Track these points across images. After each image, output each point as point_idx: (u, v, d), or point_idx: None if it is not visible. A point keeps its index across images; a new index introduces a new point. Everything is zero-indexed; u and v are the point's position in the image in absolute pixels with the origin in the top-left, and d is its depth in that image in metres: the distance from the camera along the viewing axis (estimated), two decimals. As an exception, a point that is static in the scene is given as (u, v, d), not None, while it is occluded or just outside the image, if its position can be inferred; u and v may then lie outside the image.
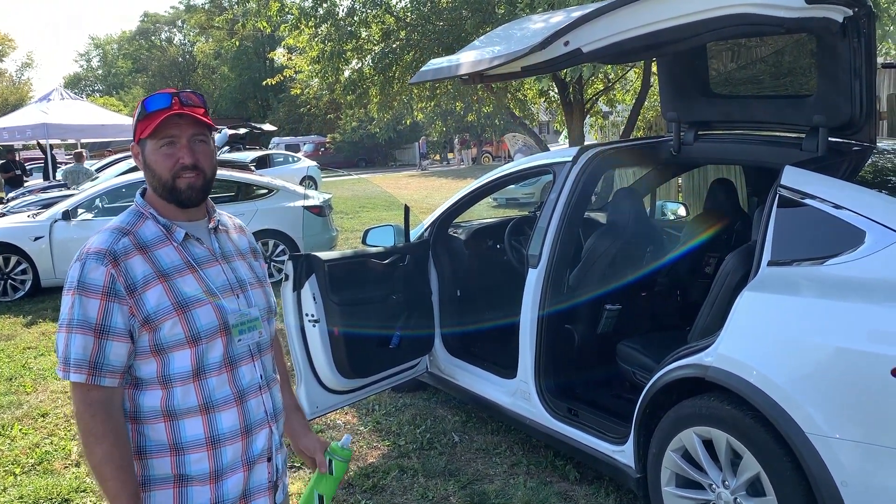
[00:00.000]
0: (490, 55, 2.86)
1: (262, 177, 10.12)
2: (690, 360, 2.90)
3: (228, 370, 1.73)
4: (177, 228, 1.73)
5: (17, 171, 15.07)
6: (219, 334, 1.70)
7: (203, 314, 1.68)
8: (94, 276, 1.61)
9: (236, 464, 1.73)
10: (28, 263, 8.57)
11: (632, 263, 4.05)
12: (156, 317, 1.64)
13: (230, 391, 1.72)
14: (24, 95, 45.10)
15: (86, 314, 1.60)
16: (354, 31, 9.45)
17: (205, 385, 1.69)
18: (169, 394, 1.67)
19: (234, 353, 1.74)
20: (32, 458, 4.31)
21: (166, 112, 1.68)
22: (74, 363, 1.60)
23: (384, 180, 26.87)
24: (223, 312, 1.72)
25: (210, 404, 1.69)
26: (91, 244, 1.66)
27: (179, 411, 1.67)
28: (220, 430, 1.70)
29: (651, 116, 10.94)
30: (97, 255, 1.63)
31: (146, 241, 1.69)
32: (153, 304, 1.64)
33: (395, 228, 4.56)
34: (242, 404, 1.74)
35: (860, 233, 2.58)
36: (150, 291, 1.64)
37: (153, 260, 1.67)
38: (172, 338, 1.65)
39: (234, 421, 1.72)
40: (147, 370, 1.67)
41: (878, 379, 2.32)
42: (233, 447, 1.72)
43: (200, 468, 1.69)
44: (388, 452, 4.21)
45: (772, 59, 3.53)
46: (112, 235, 1.67)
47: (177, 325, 1.65)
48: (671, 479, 3.05)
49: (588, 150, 3.86)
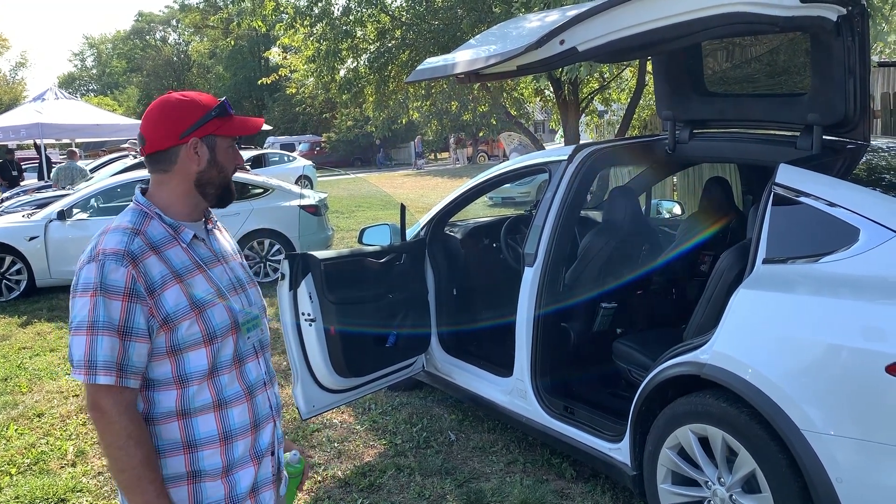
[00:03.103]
0: (486, 54, 2.86)
1: (257, 176, 10.11)
2: (686, 357, 2.91)
3: (237, 367, 1.76)
4: (184, 229, 1.74)
5: (14, 172, 15.02)
6: (230, 332, 1.74)
7: (217, 313, 1.71)
8: (115, 277, 1.59)
9: (245, 458, 1.77)
10: (23, 263, 8.55)
11: (627, 262, 4.06)
12: (175, 317, 1.64)
13: (240, 387, 1.76)
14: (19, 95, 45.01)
15: (110, 316, 1.59)
16: (350, 31, 9.44)
17: (217, 382, 1.72)
18: (184, 393, 1.68)
19: (242, 350, 1.78)
20: (28, 458, 4.30)
21: (234, 114, 1.79)
22: (103, 365, 1.58)
23: (380, 179, 26.86)
24: (233, 311, 1.76)
25: (223, 400, 1.73)
26: (105, 245, 1.63)
27: (194, 409, 1.69)
28: (232, 426, 1.74)
29: (646, 115, 10.96)
30: (115, 255, 1.60)
31: (156, 242, 1.68)
32: (172, 305, 1.64)
33: (392, 227, 4.57)
34: (251, 399, 1.78)
35: (854, 230, 2.60)
36: (169, 292, 1.64)
37: (166, 260, 1.67)
38: (190, 337, 1.66)
39: (244, 416, 1.76)
40: (161, 371, 1.67)
41: (872, 376, 2.33)
42: (243, 442, 1.76)
43: (213, 463, 1.71)
44: (385, 451, 4.21)
45: (766, 57, 3.55)
46: (126, 235, 1.65)
47: (194, 325, 1.67)
48: (667, 477, 3.06)
49: (583, 149, 3.87)
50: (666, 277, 4.32)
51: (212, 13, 47.99)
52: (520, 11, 6.71)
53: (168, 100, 1.75)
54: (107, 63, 64.91)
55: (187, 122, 1.71)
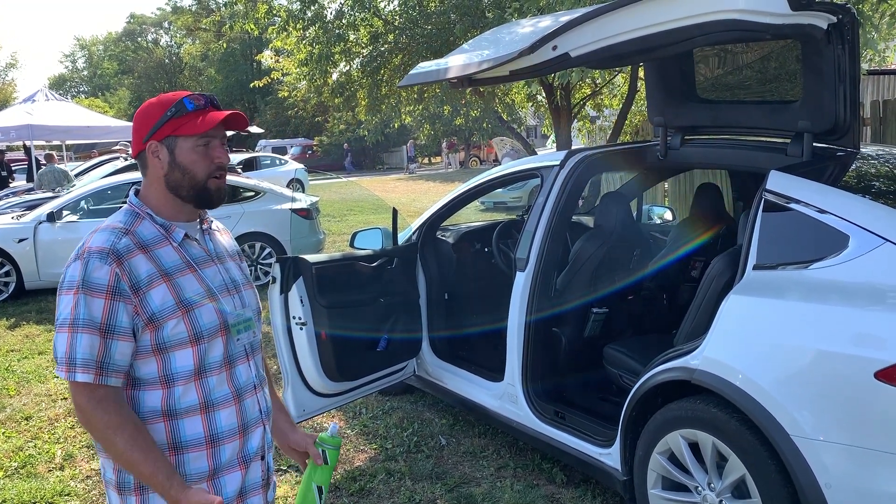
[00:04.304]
0: (478, 59, 2.87)
1: (248, 179, 10.09)
2: (676, 363, 2.92)
3: (227, 369, 1.75)
4: (176, 228, 1.74)
5: (3, 172, 14.94)
6: (219, 333, 1.72)
7: (205, 313, 1.70)
8: (98, 275, 1.60)
9: (233, 462, 1.75)
10: (11, 266, 8.51)
11: (619, 267, 4.07)
12: (160, 316, 1.64)
13: (229, 390, 1.74)
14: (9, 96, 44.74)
15: (91, 314, 1.59)
16: (342, 34, 9.43)
17: (205, 384, 1.70)
18: (170, 393, 1.67)
19: (232, 352, 1.76)
20: (16, 461, 4.27)
21: (211, 111, 1.70)
22: (82, 363, 1.58)
23: (372, 183, 26.84)
24: (223, 312, 1.74)
25: (210, 403, 1.71)
26: (91, 243, 1.63)
27: (180, 410, 1.68)
28: (220, 429, 1.72)
29: (638, 121, 10.99)
30: (100, 253, 1.61)
31: (146, 241, 1.68)
32: (158, 303, 1.64)
33: (383, 231, 4.56)
34: (240, 403, 1.76)
35: (844, 237, 2.61)
36: (155, 290, 1.64)
37: (155, 259, 1.67)
38: (175, 337, 1.65)
39: (232, 419, 1.74)
40: (147, 370, 1.67)
41: (861, 382, 2.34)
42: (230, 445, 1.74)
43: (199, 466, 1.70)
44: (375, 456, 4.20)
45: (758, 64, 3.57)
46: (113, 234, 1.65)
47: (180, 324, 1.66)
48: (657, 482, 3.07)
49: (575, 155, 3.88)
50: (657, 283, 4.33)
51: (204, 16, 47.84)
52: (513, 17, 6.73)
53: (146, 103, 1.76)
54: (98, 65, 64.69)
55: (148, 126, 1.71)
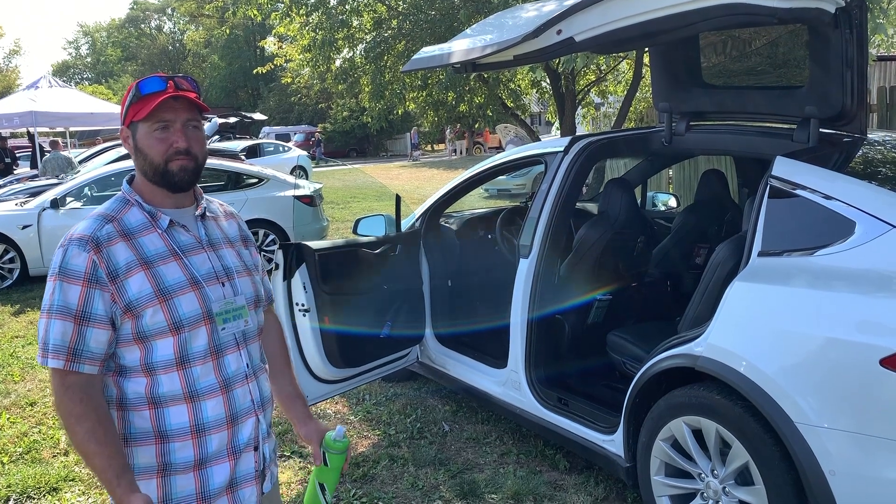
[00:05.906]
0: (482, 44, 2.85)
1: (252, 166, 10.07)
2: (680, 350, 2.91)
3: (214, 359, 1.72)
4: (161, 215, 1.72)
5: (8, 159, 14.95)
6: (202, 322, 1.69)
7: (185, 302, 1.67)
8: (75, 262, 1.61)
9: (221, 453, 1.72)
10: (16, 252, 8.52)
11: (623, 254, 4.06)
12: (137, 304, 1.63)
13: (215, 380, 1.71)
14: (12, 83, 44.75)
15: (66, 300, 1.60)
16: (346, 20, 9.39)
17: (189, 373, 1.68)
18: (153, 381, 1.66)
19: (219, 341, 1.72)
20: (20, 447, 4.29)
21: (162, 95, 1.66)
22: (53, 349, 1.60)
23: (375, 170, 26.80)
24: (207, 301, 1.71)
25: (194, 393, 1.68)
26: (75, 231, 1.66)
27: (164, 399, 1.66)
28: (205, 419, 1.69)
29: (642, 107, 10.95)
30: (80, 241, 1.62)
31: (130, 228, 1.68)
32: (135, 292, 1.63)
33: (387, 218, 4.55)
34: (228, 393, 1.73)
35: (850, 223, 2.59)
36: (133, 278, 1.63)
37: (136, 247, 1.66)
38: (154, 325, 1.64)
39: (219, 410, 1.71)
40: (131, 357, 1.66)
41: (866, 369, 2.33)
42: (218, 436, 1.71)
43: (184, 456, 1.68)
44: (379, 442, 4.21)
45: (764, 49, 3.53)
46: (96, 222, 1.67)
47: (158, 313, 1.64)
48: (660, 469, 3.06)
49: (580, 141, 3.86)
50: (661, 270, 4.31)
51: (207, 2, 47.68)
52: (517, 1, 6.69)
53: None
54: (101, 51, 64.59)
55: (122, 113, 1.74)
